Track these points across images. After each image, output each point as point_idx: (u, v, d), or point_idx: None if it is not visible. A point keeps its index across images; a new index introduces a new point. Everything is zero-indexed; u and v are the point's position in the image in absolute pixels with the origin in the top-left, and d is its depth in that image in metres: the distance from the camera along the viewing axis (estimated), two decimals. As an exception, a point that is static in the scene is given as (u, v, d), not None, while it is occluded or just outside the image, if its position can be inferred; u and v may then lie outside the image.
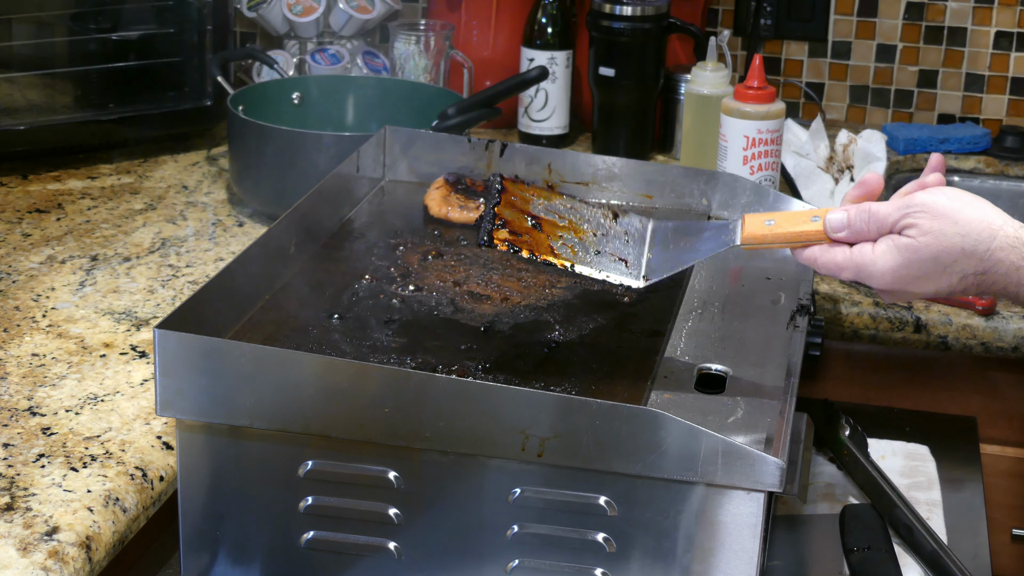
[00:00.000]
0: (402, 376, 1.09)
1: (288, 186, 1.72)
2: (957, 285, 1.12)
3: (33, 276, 1.62)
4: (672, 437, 1.05)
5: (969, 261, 1.10)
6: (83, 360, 1.42)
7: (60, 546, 1.11)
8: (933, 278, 1.12)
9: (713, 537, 1.08)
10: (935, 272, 1.11)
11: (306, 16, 2.24)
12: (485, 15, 2.25)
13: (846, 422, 1.49)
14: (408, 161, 1.62)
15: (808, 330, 1.31)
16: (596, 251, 1.22)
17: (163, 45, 2.13)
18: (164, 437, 1.28)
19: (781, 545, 1.32)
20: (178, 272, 1.66)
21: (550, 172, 1.60)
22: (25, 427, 1.28)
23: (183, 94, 2.12)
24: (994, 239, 1.09)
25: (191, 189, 1.95)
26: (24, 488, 1.19)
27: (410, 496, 1.13)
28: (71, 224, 1.79)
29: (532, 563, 1.12)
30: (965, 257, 1.10)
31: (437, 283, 1.36)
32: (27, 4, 2.05)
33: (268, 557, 1.17)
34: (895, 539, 1.35)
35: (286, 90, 2.00)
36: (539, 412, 1.07)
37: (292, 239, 1.37)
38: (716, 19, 2.32)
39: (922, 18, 2.24)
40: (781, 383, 1.18)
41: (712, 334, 1.28)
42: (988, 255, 1.09)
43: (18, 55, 2.06)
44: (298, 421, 1.11)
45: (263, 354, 1.11)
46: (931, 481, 1.48)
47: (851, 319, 1.70)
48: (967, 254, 1.10)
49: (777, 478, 1.05)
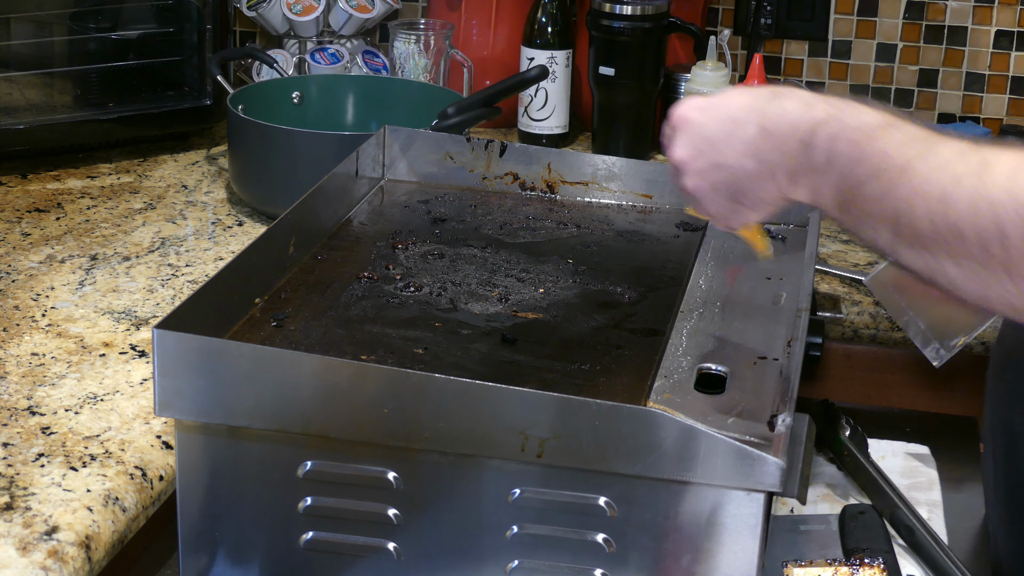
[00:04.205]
0: (401, 376, 1.09)
1: (288, 186, 1.71)
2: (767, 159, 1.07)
3: (33, 275, 1.62)
4: (672, 437, 1.05)
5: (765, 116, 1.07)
6: (83, 359, 1.42)
7: (60, 546, 1.11)
8: (728, 143, 1.10)
9: (713, 537, 1.08)
10: (729, 132, 1.09)
11: (306, 15, 2.24)
12: (485, 14, 2.25)
13: (846, 422, 1.49)
14: (408, 161, 1.62)
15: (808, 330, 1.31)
16: None
17: (163, 44, 2.13)
18: (164, 437, 1.28)
19: (781, 545, 1.32)
20: (178, 272, 1.66)
21: (549, 172, 1.60)
22: (25, 426, 1.28)
23: (183, 93, 2.12)
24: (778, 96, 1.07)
25: (191, 188, 1.95)
26: (24, 487, 1.18)
27: (409, 497, 1.13)
28: (71, 223, 1.79)
29: (531, 564, 1.12)
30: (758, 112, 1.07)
31: (437, 283, 1.35)
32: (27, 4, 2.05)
33: (267, 557, 1.17)
34: (895, 539, 1.35)
35: (286, 89, 2.00)
36: (538, 412, 1.07)
37: (292, 239, 1.37)
38: (716, 18, 2.31)
39: (922, 17, 2.24)
40: (781, 383, 1.18)
41: (712, 334, 1.27)
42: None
43: (18, 54, 2.06)
44: (297, 421, 1.11)
45: (262, 354, 1.11)
46: (931, 481, 1.48)
47: (851, 319, 1.70)
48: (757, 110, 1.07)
49: (777, 478, 1.04)
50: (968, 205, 0.92)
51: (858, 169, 1.00)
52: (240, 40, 2.45)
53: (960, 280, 0.95)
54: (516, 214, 1.55)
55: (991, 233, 0.90)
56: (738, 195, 1.13)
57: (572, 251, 1.45)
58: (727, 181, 1.12)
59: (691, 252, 1.46)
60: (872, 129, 1.01)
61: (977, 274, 0.93)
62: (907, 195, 0.96)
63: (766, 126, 1.08)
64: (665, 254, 1.46)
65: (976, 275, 0.93)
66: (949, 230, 0.93)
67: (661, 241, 1.49)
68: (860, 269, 1.79)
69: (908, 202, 0.96)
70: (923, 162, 0.96)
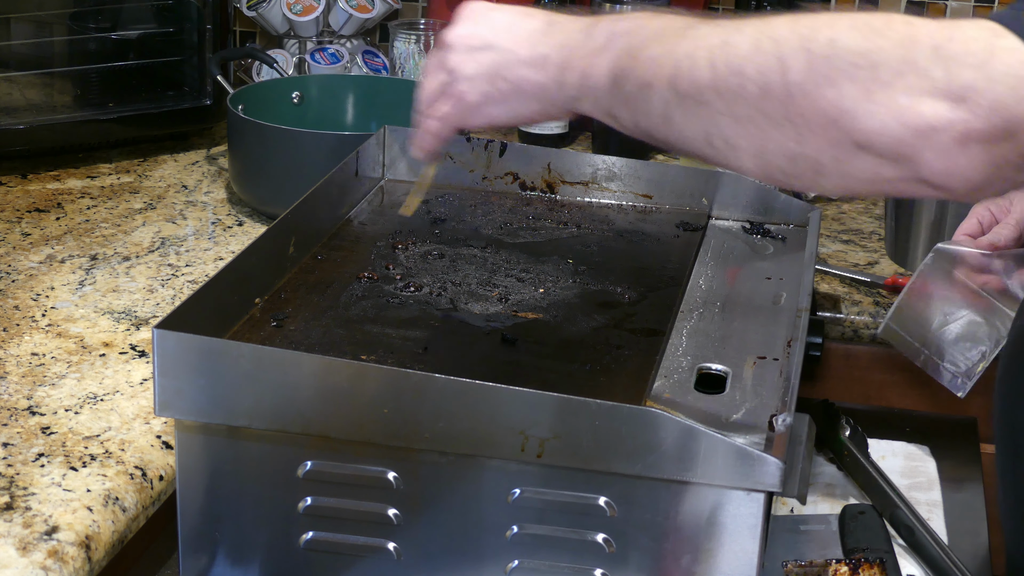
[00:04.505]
0: (401, 376, 1.09)
1: (288, 186, 1.71)
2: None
3: (33, 275, 1.62)
4: (672, 437, 1.05)
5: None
6: (83, 359, 1.42)
7: (60, 545, 1.11)
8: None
9: (713, 537, 1.08)
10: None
11: (306, 15, 2.24)
12: (485, 14, 2.25)
13: (846, 422, 1.49)
14: (408, 161, 1.62)
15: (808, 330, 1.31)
16: None
17: (163, 44, 2.13)
18: (164, 437, 1.28)
19: (781, 545, 1.32)
20: (178, 271, 1.66)
21: (549, 172, 1.60)
22: (24, 426, 1.28)
23: (183, 93, 2.12)
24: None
25: (191, 188, 1.95)
26: (24, 487, 1.18)
27: (409, 497, 1.13)
28: (71, 223, 1.79)
29: (531, 564, 1.12)
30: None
31: (437, 283, 1.35)
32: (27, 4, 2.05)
33: (267, 558, 1.17)
34: (895, 539, 1.35)
35: (286, 89, 2.00)
36: (538, 412, 1.07)
37: (291, 239, 1.37)
38: (716, 18, 2.31)
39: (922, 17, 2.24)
40: (781, 383, 1.18)
41: (712, 334, 1.27)
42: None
43: (17, 54, 2.06)
44: (297, 422, 1.11)
45: (262, 354, 1.11)
46: (931, 481, 1.48)
47: (851, 319, 1.70)
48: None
49: (777, 478, 1.04)
50: (751, 44, 0.93)
51: (641, 35, 1.01)
52: (240, 40, 2.45)
53: (736, 136, 0.94)
54: (516, 214, 1.55)
55: (772, 68, 0.91)
56: (496, 79, 1.11)
57: (572, 251, 1.45)
58: (493, 63, 1.10)
59: (691, 252, 1.46)
60: (657, 14, 1.03)
61: (756, 124, 0.93)
62: (689, 48, 0.96)
63: (553, 20, 1.09)
64: (665, 254, 1.46)
65: (755, 125, 0.93)
66: (730, 71, 0.93)
67: (661, 241, 1.49)
68: (860, 269, 1.79)
69: (690, 54, 0.96)
70: (706, 23, 0.98)
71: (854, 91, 0.88)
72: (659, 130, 1.00)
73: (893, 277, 1.75)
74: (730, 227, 1.53)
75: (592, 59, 1.04)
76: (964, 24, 0.88)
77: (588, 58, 1.04)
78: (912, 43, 0.88)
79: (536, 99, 1.10)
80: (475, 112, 1.14)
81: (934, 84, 0.86)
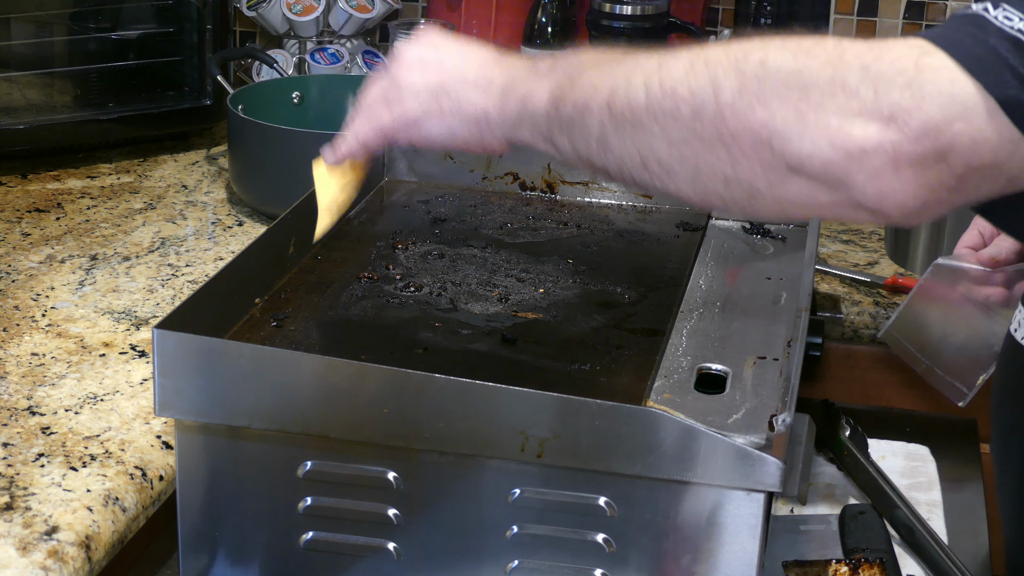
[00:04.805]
0: (401, 376, 1.09)
1: (288, 186, 1.71)
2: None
3: (33, 275, 1.62)
4: (672, 437, 1.05)
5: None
6: (83, 359, 1.42)
7: (60, 546, 1.11)
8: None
9: (713, 537, 1.08)
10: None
11: (306, 15, 2.24)
12: (485, 14, 2.25)
13: (846, 422, 1.49)
14: (407, 160, 1.62)
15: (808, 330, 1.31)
16: None
17: (163, 44, 2.13)
18: (164, 437, 1.28)
19: (781, 545, 1.32)
20: (178, 271, 1.66)
21: (549, 172, 1.60)
22: (25, 426, 1.28)
23: (183, 93, 2.12)
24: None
25: (191, 188, 1.95)
26: (24, 487, 1.18)
27: (409, 497, 1.13)
28: (71, 223, 1.79)
29: (531, 564, 1.12)
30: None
31: (437, 283, 1.35)
32: (27, 4, 2.05)
33: (267, 558, 1.17)
34: (895, 540, 1.35)
35: (286, 89, 2.00)
36: (538, 412, 1.07)
37: (291, 239, 1.37)
38: (716, 18, 2.31)
39: (922, 17, 2.24)
40: (781, 383, 1.18)
41: (712, 334, 1.27)
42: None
43: (18, 54, 2.06)
44: (297, 422, 1.11)
45: (262, 354, 1.11)
46: (931, 482, 1.48)
47: (851, 319, 1.70)
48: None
49: (777, 478, 1.04)
50: (685, 66, 0.93)
51: (582, 63, 1.02)
52: (240, 40, 2.45)
53: (671, 159, 0.94)
54: (516, 214, 1.55)
55: (705, 88, 0.91)
56: (441, 95, 1.12)
57: (572, 251, 1.45)
58: (439, 80, 1.12)
59: (691, 252, 1.46)
60: (601, 52, 1.04)
61: (690, 146, 0.92)
62: (626, 71, 0.97)
63: (503, 54, 1.11)
64: (665, 254, 1.46)
65: (689, 148, 0.92)
66: (663, 93, 0.93)
67: (661, 241, 1.49)
68: (860, 269, 1.79)
69: (626, 76, 0.96)
70: (644, 53, 0.98)
71: (785, 112, 0.87)
72: (597, 156, 1.00)
73: (893, 277, 1.75)
74: (730, 227, 1.53)
75: (533, 83, 1.05)
76: (894, 43, 0.87)
77: (530, 82, 1.05)
78: (841, 63, 0.86)
79: (475, 122, 1.10)
80: (411, 126, 1.14)
81: (863, 104, 0.84)
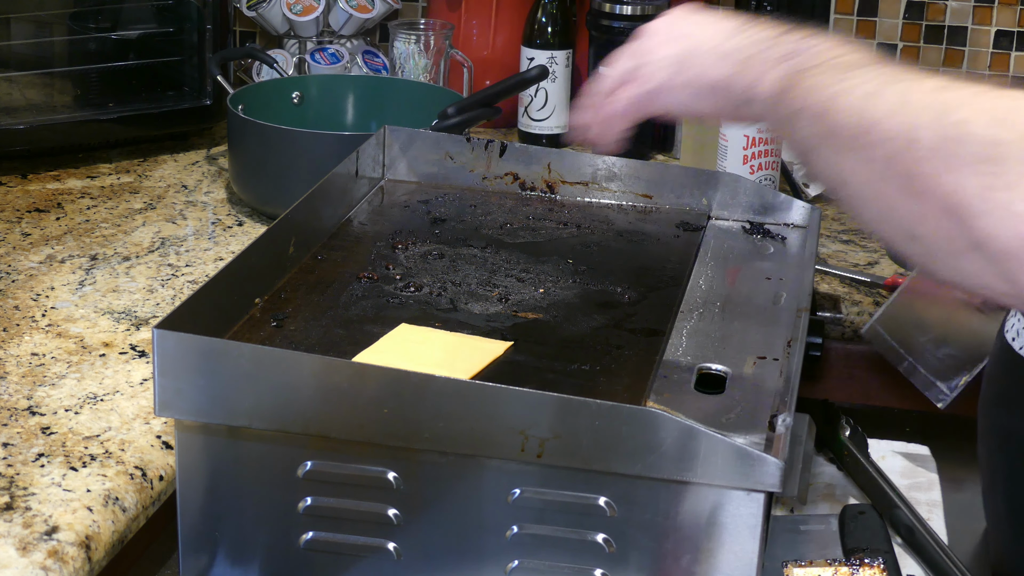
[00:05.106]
0: (401, 376, 1.09)
1: (288, 186, 1.72)
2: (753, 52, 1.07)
3: (32, 275, 1.62)
4: (672, 437, 1.05)
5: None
6: (83, 360, 1.42)
7: (59, 546, 1.11)
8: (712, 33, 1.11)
9: (713, 538, 1.08)
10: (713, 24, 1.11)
11: (306, 15, 2.24)
12: (485, 14, 2.25)
13: (846, 422, 1.49)
14: (408, 161, 1.62)
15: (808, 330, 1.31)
16: None
17: (162, 44, 2.13)
18: (164, 437, 1.28)
19: (781, 545, 1.32)
20: (178, 272, 1.66)
21: (549, 172, 1.60)
22: (24, 427, 1.28)
23: (182, 93, 2.12)
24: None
25: (191, 188, 1.95)
26: (23, 488, 1.18)
27: (409, 497, 1.13)
28: (71, 223, 1.79)
29: (531, 564, 1.12)
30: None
31: (437, 283, 1.35)
32: (27, 3, 2.05)
33: (267, 558, 1.17)
34: (895, 540, 1.35)
35: (286, 89, 2.00)
36: (538, 412, 1.07)
37: (291, 239, 1.37)
38: (716, 18, 2.31)
39: (922, 17, 2.24)
40: (781, 383, 1.18)
41: (712, 334, 1.27)
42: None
43: (17, 54, 2.06)
44: (297, 422, 1.11)
45: (262, 354, 1.11)
46: (931, 481, 1.48)
47: (851, 319, 1.70)
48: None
49: (777, 478, 1.04)
50: (888, 108, 0.89)
51: (817, 57, 1.00)
52: (240, 40, 2.45)
53: (865, 193, 0.91)
54: (516, 214, 1.55)
55: (902, 135, 0.87)
56: (684, 66, 1.13)
57: (572, 251, 1.45)
58: (683, 50, 1.13)
59: (691, 252, 1.46)
60: (848, 42, 1.01)
61: (882, 189, 0.89)
62: (847, 86, 0.94)
63: (750, 22, 1.10)
64: (665, 254, 1.46)
65: (882, 189, 0.89)
66: (867, 126, 0.90)
67: (661, 241, 1.49)
68: (860, 269, 1.79)
69: (846, 92, 0.94)
70: (864, 69, 0.95)
71: (974, 184, 0.81)
72: (807, 160, 0.99)
73: (893, 277, 1.75)
74: (730, 227, 1.53)
75: (767, 68, 1.04)
76: None
77: (764, 65, 1.04)
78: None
79: (713, 93, 1.11)
80: (654, 97, 1.16)
81: None
